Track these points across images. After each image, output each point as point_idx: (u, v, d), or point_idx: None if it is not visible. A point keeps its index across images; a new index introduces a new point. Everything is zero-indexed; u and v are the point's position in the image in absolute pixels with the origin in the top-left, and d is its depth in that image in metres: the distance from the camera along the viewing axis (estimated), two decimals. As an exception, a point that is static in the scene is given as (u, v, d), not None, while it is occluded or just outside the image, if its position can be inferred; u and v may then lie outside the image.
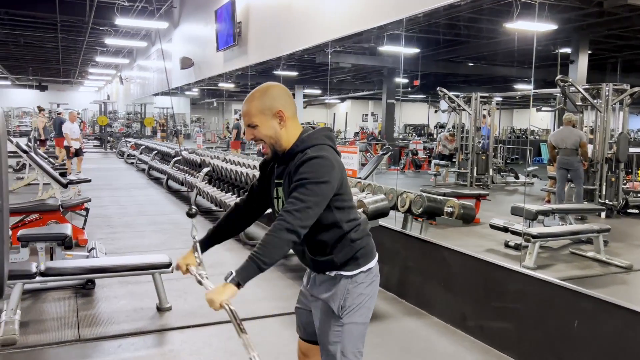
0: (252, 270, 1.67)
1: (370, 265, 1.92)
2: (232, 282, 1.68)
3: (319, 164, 1.74)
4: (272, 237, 1.67)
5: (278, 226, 1.68)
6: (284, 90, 1.87)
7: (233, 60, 8.39)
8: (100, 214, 7.52)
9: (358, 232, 1.89)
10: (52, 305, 3.92)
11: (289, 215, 1.68)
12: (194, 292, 4.29)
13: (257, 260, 1.66)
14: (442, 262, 3.94)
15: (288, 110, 1.84)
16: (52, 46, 19.60)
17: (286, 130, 1.84)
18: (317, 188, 1.71)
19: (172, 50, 13.21)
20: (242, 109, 1.85)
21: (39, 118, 16.51)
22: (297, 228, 1.67)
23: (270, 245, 1.67)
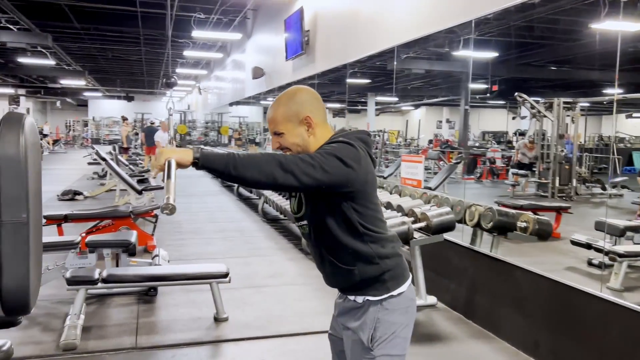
0: (220, 161, 1.45)
1: (401, 289, 1.70)
2: (194, 151, 1.47)
3: (345, 147, 1.57)
4: (262, 157, 1.47)
5: (275, 156, 1.48)
6: (312, 94, 1.73)
7: (301, 69, 8.39)
8: (171, 220, 7.72)
9: (386, 249, 1.68)
10: (115, 310, 4.00)
11: (293, 157, 1.49)
12: (252, 303, 4.24)
13: (232, 160, 1.44)
14: (514, 282, 3.62)
15: (317, 116, 1.70)
16: (137, 59, 20.69)
17: (315, 138, 1.69)
18: (332, 159, 1.51)
19: (245, 60, 13.50)
20: (268, 116, 1.72)
21: (122, 127, 17.47)
22: (288, 170, 1.45)
23: (254, 161, 1.45)
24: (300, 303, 4.28)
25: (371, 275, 1.67)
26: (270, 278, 4.93)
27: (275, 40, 9.91)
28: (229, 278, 3.81)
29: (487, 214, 4.07)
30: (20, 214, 1.46)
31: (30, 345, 3.32)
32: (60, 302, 4.05)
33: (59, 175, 14.14)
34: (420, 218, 4.05)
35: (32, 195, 1.51)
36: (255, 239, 6.72)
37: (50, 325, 3.65)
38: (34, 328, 3.61)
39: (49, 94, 31.68)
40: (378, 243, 1.67)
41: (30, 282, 1.52)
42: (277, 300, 4.33)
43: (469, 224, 4.27)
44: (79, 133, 33.80)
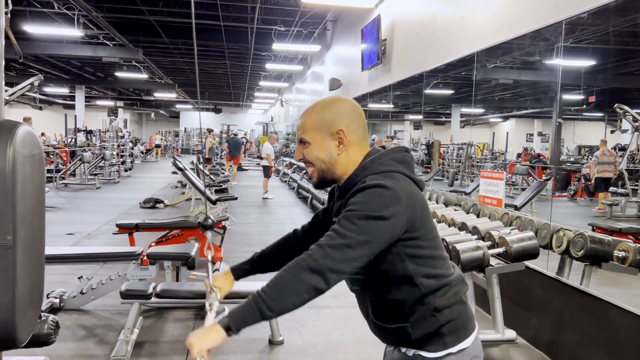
0: (251, 314, 1.24)
1: (462, 344, 1.38)
2: (221, 324, 1.26)
3: (377, 193, 1.27)
4: (288, 275, 1.23)
5: (300, 262, 1.23)
6: (353, 107, 1.44)
7: (377, 79, 8.11)
8: (243, 232, 7.70)
9: (445, 298, 1.36)
10: (170, 325, 3.91)
11: (319, 250, 1.23)
12: (310, 326, 4.00)
13: (261, 301, 1.23)
14: (608, 322, 3.10)
15: (353, 132, 1.41)
16: (223, 72, 21.41)
17: (346, 156, 1.41)
18: (365, 224, 1.23)
19: (324, 72, 13.44)
20: (300, 120, 1.46)
21: (208, 139, 18.04)
22: (325, 270, 1.21)
23: (283, 286, 1.23)
24: (361, 329, 3.94)
25: (426, 332, 1.37)
26: (333, 299, 4.66)
27: (352, 51, 9.72)
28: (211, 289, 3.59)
29: (577, 241, 3.55)
30: (4, 236, 1.29)
31: (83, 359, 3.27)
32: (120, 313, 4.03)
33: (145, 183, 14.80)
34: (498, 243, 3.62)
35: (22, 214, 1.33)
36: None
37: (106, 337, 3.61)
38: (90, 340, 3.58)
39: (144, 106, 33.72)
40: (437, 292, 1.36)
41: (16, 313, 1.33)
42: (337, 324, 4.05)
43: (556, 250, 3.77)
44: (170, 143, 35.56)
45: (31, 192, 1.40)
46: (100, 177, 14.79)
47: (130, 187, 13.68)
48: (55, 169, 14.55)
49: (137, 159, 23.93)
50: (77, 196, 11.73)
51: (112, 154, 15.98)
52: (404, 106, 21.24)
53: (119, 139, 17.65)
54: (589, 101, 15.60)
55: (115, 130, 17.44)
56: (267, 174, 12.35)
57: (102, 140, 17.24)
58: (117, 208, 9.63)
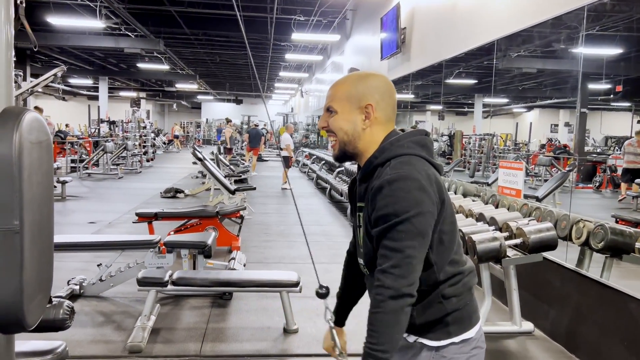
0: None
1: (466, 335, 1.36)
2: None
3: (402, 188, 1.25)
4: (380, 316, 1.25)
5: (380, 297, 1.25)
6: (387, 85, 1.42)
7: (396, 68, 8.03)
8: (261, 221, 7.74)
9: (455, 287, 1.36)
10: (187, 313, 3.95)
11: (387, 276, 1.25)
12: (325, 315, 3.99)
13: (375, 352, 1.24)
14: (628, 316, 3.04)
15: (381, 110, 1.38)
16: (243, 63, 21.44)
17: (370, 133, 1.38)
18: (410, 227, 1.24)
19: (343, 62, 13.36)
20: (329, 90, 1.43)
21: (227, 129, 18.14)
22: (403, 290, 1.24)
23: (382, 327, 1.25)
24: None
25: (431, 319, 1.36)
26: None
27: (372, 40, 9.63)
28: (300, 287, 3.60)
29: (597, 232, 3.47)
30: (11, 221, 1.30)
31: (100, 344, 3.33)
32: (138, 300, 4.09)
33: (167, 173, 14.96)
34: (515, 234, 3.56)
35: (29, 200, 1.35)
36: (339, 244, 6.48)
37: (123, 324, 3.67)
38: (108, 326, 3.65)
39: (166, 97, 34.01)
40: (448, 281, 1.36)
41: (24, 297, 1.35)
42: (352, 315, 4.03)
43: (576, 242, 3.69)
44: (192, 134, 35.87)
45: (38, 178, 1.41)
46: (123, 167, 15.00)
47: (152, 177, 13.84)
48: (79, 159, 14.81)
49: (159, 149, 24.20)
50: (100, 186, 11.93)
51: (134, 144, 16.18)
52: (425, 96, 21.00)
53: (141, 130, 17.86)
54: (616, 90, 15.24)
55: (138, 121, 17.64)
56: (287, 165, 12.37)
57: (125, 131, 17.46)
58: (138, 197, 9.76)
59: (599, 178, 13.48)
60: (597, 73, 16.13)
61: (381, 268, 1.26)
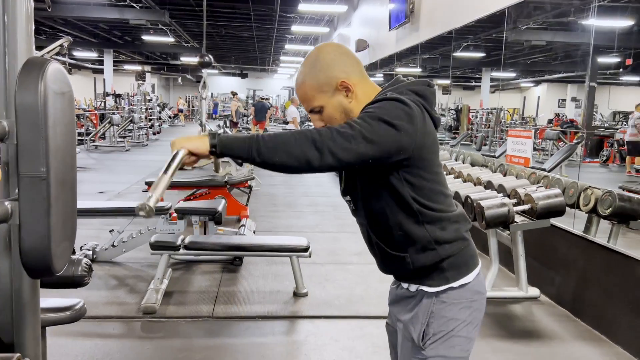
0: (241, 147, 1.21)
1: (464, 279, 1.38)
2: (209, 138, 1.23)
3: (394, 105, 1.26)
4: (291, 137, 1.21)
5: (307, 133, 1.21)
6: (337, 49, 1.41)
7: (405, 39, 7.95)
8: (268, 193, 7.79)
9: (446, 232, 1.36)
10: (198, 277, 4.03)
11: (327, 132, 1.21)
12: (334, 280, 4.07)
13: (255, 143, 1.20)
14: (634, 280, 3.08)
15: (352, 74, 1.39)
16: (248, 36, 21.22)
17: (357, 101, 1.39)
18: (376, 124, 1.22)
19: (350, 34, 13.22)
20: (297, 93, 1.43)
21: (232, 102, 18.09)
22: (324, 149, 1.18)
23: (282, 142, 1.20)
24: (384, 285, 3.97)
25: (426, 264, 1.38)
26: (356, 256, 4.72)
27: (380, 11, 9.52)
28: (310, 252, 3.66)
29: (605, 199, 3.49)
30: (38, 168, 1.34)
31: (114, 306, 3.41)
32: (149, 265, 4.16)
33: (173, 146, 14.97)
34: (524, 200, 3.58)
35: (54, 149, 1.39)
36: (346, 214, 6.45)
37: (136, 287, 3.75)
38: (121, 289, 3.73)
39: (171, 71, 33.82)
40: (436, 224, 1.36)
41: (52, 242, 1.40)
42: (360, 280, 4.11)
43: (584, 209, 3.72)
44: (197, 108, 35.76)
45: (62, 128, 1.44)
46: (129, 139, 15.04)
47: (159, 150, 13.89)
48: (85, 131, 14.86)
49: (165, 123, 24.19)
50: (107, 158, 11.99)
51: (140, 117, 16.18)
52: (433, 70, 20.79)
53: (147, 103, 17.83)
54: (626, 64, 15.03)
55: (144, 94, 17.60)
56: None
57: (131, 104, 17.45)
58: (145, 169, 9.82)
59: (606, 152, 13.44)
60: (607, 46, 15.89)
61: (331, 127, 1.25)
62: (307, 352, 2.95)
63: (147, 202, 1.20)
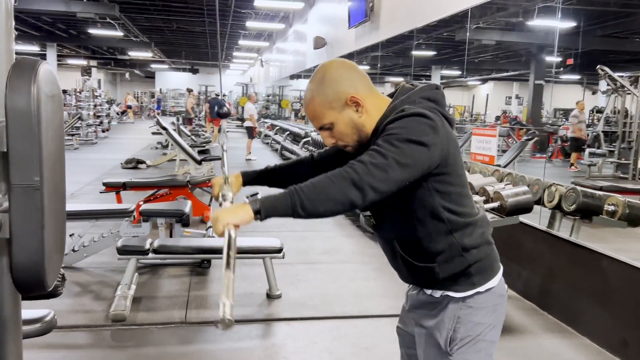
0: (284, 206, 1.19)
1: (490, 284, 1.40)
2: (252, 204, 1.20)
3: (416, 120, 1.26)
4: (330, 182, 1.19)
5: (343, 173, 1.19)
6: (344, 65, 1.40)
7: (364, 37, 7.98)
8: (229, 192, 7.65)
9: (473, 237, 1.37)
10: (167, 281, 3.91)
11: (362, 166, 1.19)
12: (307, 280, 4.04)
13: (297, 197, 1.18)
14: (599, 272, 3.21)
15: (360, 88, 1.37)
16: (201, 31, 20.80)
17: (368, 115, 1.37)
18: (407, 147, 1.22)
19: (306, 31, 13.17)
20: (305, 111, 1.41)
21: (188, 99, 17.70)
22: (365, 186, 1.18)
23: (323, 190, 1.18)
24: (357, 283, 4.03)
25: (455, 271, 1.38)
26: (326, 255, 4.71)
27: (338, 8, 9.53)
28: (283, 254, 3.61)
29: (570, 195, 3.62)
30: (31, 177, 1.25)
31: (80, 314, 3.26)
32: (113, 270, 4.01)
33: (124, 144, 14.52)
34: (493, 197, 3.66)
35: (47, 155, 1.30)
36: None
37: (102, 294, 3.60)
38: (86, 296, 3.57)
39: (118, 66, 32.73)
40: (464, 230, 1.37)
41: (45, 255, 1.31)
42: (332, 279, 4.11)
43: (548, 205, 3.84)
44: (146, 104, 34.82)
45: (53, 133, 1.36)
46: (78, 137, 14.45)
47: (109, 148, 13.42)
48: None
49: (114, 120, 23.40)
50: (55, 157, 11.46)
51: (88, 114, 15.59)
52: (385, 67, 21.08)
53: (95, 99, 17.19)
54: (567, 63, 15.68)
55: (91, 90, 16.96)
56: (251, 135, 12.22)
57: (78, 101, 16.77)
58: (97, 169, 9.45)
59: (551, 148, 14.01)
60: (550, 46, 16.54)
61: (361, 159, 1.22)
62: (286, 355, 2.91)
63: (224, 315, 1.11)
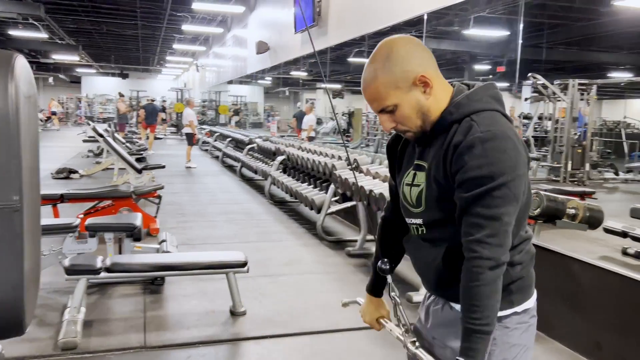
0: (484, 344, 1.17)
1: (527, 304, 1.30)
2: None
3: (497, 149, 1.14)
4: (481, 289, 1.15)
5: (478, 270, 1.15)
6: (411, 41, 1.25)
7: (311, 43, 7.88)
8: (172, 202, 7.30)
9: (522, 254, 1.28)
10: (118, 302, 3.59)
11: (484, 247, 1.14)
12: (270, 295, 3.85)
13: (480, 326, 1.15)
14: (568, 275, 3.24)
15: (429, 68, 1.23)
16: (132, 34, 20.01)
17: (435, 98, 1.24)
18: (507, 192, 1.14)
19: (247, 36, 12.93)
20: (365, 94, 1.26)
21: (119, 104, 16.91)
22: (502, 259, 1.16)
23: (484, 300, 1.15)
24: (323, 295, 3.88)
25: None
26: (286, 266, 4.54)
27: (282, 13, 9.39)
28: (247, 268, 3.40)
29: (534, 200, 3.67)
30: (10, 196, 1.03)
31: (25, 344, 2.90)
32: (56, 291, 3.64)
33: (51, 152, 13.61)
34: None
35: (26, 170, 1.06)
36: (263, 222, 6.31)
37: (47, 319, 3.24)
38: (28, 322, 3.20)
39: (42, 70, 30.85)
40: (518, 247, 1.27)
41: (24, 291, 1.08)
42: (297, 292, 3.94)
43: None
44: (72, 110, 33.07)
45: (31, 142, 1.13)
46: (-1, 146, 13.39)
47: (35, 157, 12.51)
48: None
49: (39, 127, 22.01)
50: (-25, 167, 10.54)
51: (10, 121, 14.52)
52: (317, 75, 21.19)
53: (17, 105, 16.06)
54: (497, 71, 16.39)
55: (13, 95, 15.82)
56: (191, 142, 11.82)
57: (-2, 106, 15.60)
58: (25, 179, 8.75)
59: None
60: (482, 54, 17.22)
61: (475, 238, 1.15)
62: (260, 377, 2.71)
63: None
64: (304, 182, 6.44)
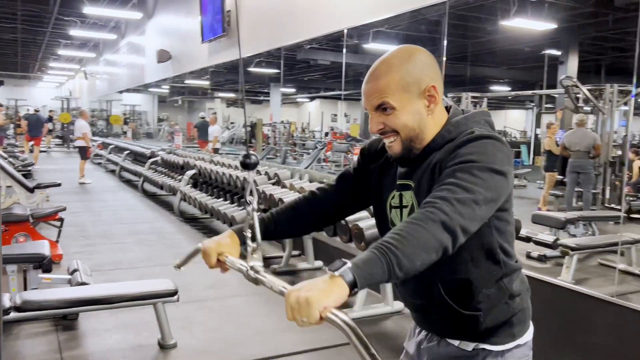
0: (380, 271, 0.94)
1: (527, 336, 1.29)
2: (344, 276, 0.93)
3: (493, 145, 1.11)
4: (420, 229, 0.98)
5: (430, 215, 0.99)
6: (431, 56, 1.23)
7: (221, 53, 7.66)
8: (72, 222, 6.67)
9: (517, 284, 1.25)
10: (28, 343, 3.18)
11: (448, 205, 1.01)
12: (200, 322, 3.62)
13: (393, 257, 0.94)
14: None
15: (440, 88, 1.21)
16: (11, 38, 18.28)
17: (433, 117, 1.20)
18: (490, 178, 1.06)
19: (145, 43, 12.33)
20: (368, 86, 1.19)
21: None
22: (456, 228, 1.00)
23: (417, 241, 0.97)
24: (255, 319, 3.73)
25: (498, 321, 1.23)
26: (211, 289, 4.31)
27: (186, 22, 9.06)
28: (177, 297, 3.18)
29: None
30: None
31: None
32: (-52, 337, 3.14)
33: None
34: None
35: None
36: (176, 242, 5.98)
37: (-59, 371, 2.77)
38: None
39: None
40: (511, 276, 1.24)
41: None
42: (227, 317, 3.74)
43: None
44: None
45: None
46: None
47: None
48: None
49: None
50: None
51: None
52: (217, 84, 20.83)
53: None
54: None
55: None
56: (85, 156, 11.00)
57: None
58: None
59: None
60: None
61: (444, 196, 1.03)
62: (205, 417, 2.52)
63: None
64: (219, 197, 6.21)
